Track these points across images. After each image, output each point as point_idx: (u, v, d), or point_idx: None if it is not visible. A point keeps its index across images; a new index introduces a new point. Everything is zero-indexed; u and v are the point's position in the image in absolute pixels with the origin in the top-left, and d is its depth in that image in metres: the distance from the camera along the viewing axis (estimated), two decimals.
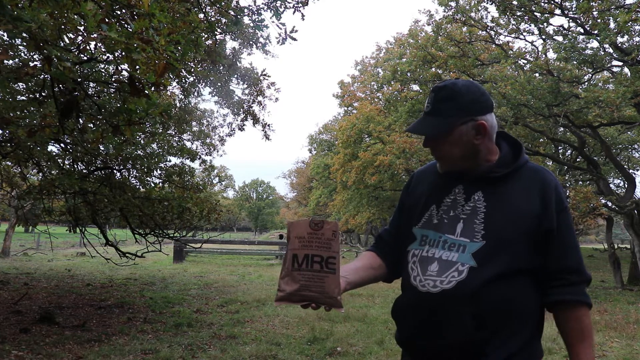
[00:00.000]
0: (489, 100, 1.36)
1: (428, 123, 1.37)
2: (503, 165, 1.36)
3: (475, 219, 1.32)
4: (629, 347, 5.46)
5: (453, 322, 1.26)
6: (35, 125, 3.81)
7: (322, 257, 1.19)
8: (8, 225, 16.03)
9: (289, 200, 60.82)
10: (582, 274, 1.32)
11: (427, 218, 1.41)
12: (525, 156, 1.40)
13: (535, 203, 1.31)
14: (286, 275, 1.20)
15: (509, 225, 1.28)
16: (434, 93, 1.37)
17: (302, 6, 5.73)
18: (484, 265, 1.26)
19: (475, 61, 12.29)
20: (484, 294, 1.24)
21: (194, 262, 15.67)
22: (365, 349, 5.07)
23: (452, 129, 1.33)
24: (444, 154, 1.37)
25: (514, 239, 1.28)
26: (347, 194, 24.41)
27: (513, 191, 1.34)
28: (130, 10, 2.98)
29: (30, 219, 7.02)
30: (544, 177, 1.35)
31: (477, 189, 1.36)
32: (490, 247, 1.27)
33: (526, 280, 1.30)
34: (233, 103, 10.35)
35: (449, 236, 1.33)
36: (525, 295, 1.29)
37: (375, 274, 1.49)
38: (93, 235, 7.13)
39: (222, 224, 39.24)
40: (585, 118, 10.48)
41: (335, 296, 1.19)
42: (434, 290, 1.29)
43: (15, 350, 4.52)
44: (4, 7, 1.99)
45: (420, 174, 1.54)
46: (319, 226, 1.21)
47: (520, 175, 1.36)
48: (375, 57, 23.16)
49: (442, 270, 1.30)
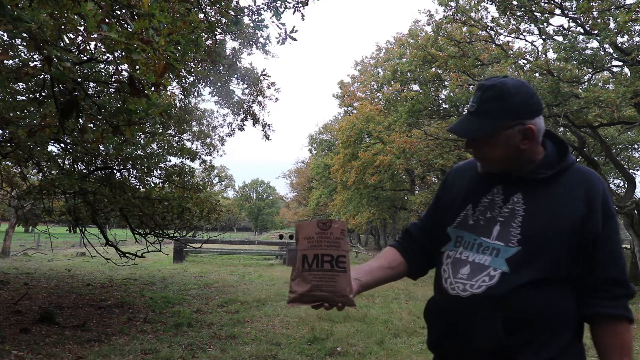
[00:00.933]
0: (538, 103, 1.28)
1: (472, 124, 1.28)
2: (547, 167, 1.28)
3: (512, 222, 1.25)
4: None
5: (482, 328, 1.21)
6: (35, 125, 3.81)
7: (332, 256, 1.18)
8: (8, 225, 16.04)
9: (289, 200, 60.82)
10: (627, 287, 1.23)
11: (462, 218, 1.35)
12: (572, 157, 1.31)
13: (580, 208, 1.23)
14: (297, 276, 1.20)
15: (548, 231, 1.21)
16: (480, 91, 1.27)
17: (302, 6, 5.73)
18: (517, 271, 1.20)
19: (475, 61, 12.29)
20: (514, 299, 1.19)
21: (194, 262, 15.67)
22: (365, 349, 5.07)
23: (498, 132, 1.25)
24: (486, 155, 1.30)
25: (553, 246, 1.21)
26: (347, 194, 24.42)
27: (556, 195, 1.26)
28: (130, 11, 2.98)
29: (30, 219, 7.03)
30: (591, 180, 1.27)
31: (517, 190, 1.29)
32: (525, 253, 1.21)
33: (563, 288, 1.23)
34: (233, 103, 10.35)
35: (484, 239, 1.28)
36: (561, 302, 1.22)
37: (392, 273, 1.43)
38: (93, 235, 7.13)
39: (222, 224, 39.25)
40: (585, 118, 10.48)
41: (347, 294, 1.18)
42: (463, 294, 1.24)
43: (15, 350, 4.52)
44: (4, 7, 1.99)
45: (459, 170, 1.47)
46: (327, 226, 1.20)
47: (565, 178, 1.28)
48: (375, 57, 23.16)
49: (473, 274, 1.25)
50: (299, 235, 1.22)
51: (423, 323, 6.79)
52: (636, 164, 20.93)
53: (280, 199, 72.39)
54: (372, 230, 35.44)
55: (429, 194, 16.85)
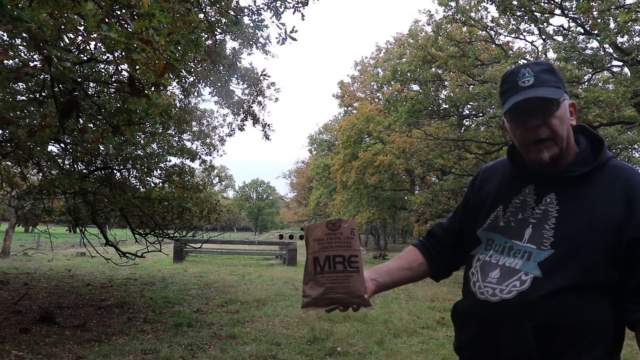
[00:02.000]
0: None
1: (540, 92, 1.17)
2: (581, 163, 1.21)
3: (545, 224, 1.18)
4: (629, 347, 5.44)
5: (512, 336, 1.15)
6: (35, 125, 3.81)
7: (344, 257, 1.15)
8: (8, 225, 16.03)
9: (289, 200, 60.86)
10: None
11: (492, 220, 1.29)
12: (609, 153, 1.22)
13: (618, 207, 1.14)
14: (310, 279, 1.17)
15: (583, 233, 1.14)
16: (529, 67, 1.21)
17: (302, 6, 5.73)
18: (550, 276, 1.13)
19: (475, 61, 12.30)
20: (546, 306, 1.12)
21: (194, 262, 15.67)
22: (365, 349, 5.07)
23: (562, 100, 1.19)
24: (556, 130, 1.18)
25: (589, 249, 1.13)
26: (347, 194, 24.43)
27: (592, 194, 1.17)
28: (130, 10, 2.98)
29: (30, 219, 7.02)
30: (630, 177, 1.17)
31: (550, 190, 1.22)
32: (559, 256, 1.14)
33: (601, 294, 1.14)
34: (233, 103, 10.35)
35: (515, 242, 1.21)
36: (598, 311, 1.14)
37: (411, 274, 1.39)
38: (93, 235, 7.13)
39: (222, 224, 39.25)
40: (585, 118, 10.47)
41: (362, 295, 1.15)
42: (492, 299, 1.18)
43: (15, 350, 4.52)
44: (4, 7, 1.99)
45: (489, 170, 1.41)
46: (337, 226, 1.17)
47: (602, 175, 1.19)
48: (375, 58, 23.19)
49: (503, 278, 1.19)
50: (309, 238, 1.19)
51: (423, 323, 6.79)
52: (636, 164, 20.93)
53: (280, 199, 72.41)
54: (372, 230, 35.44)
55: (429, 194, 16.85)
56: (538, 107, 1.18)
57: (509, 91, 1.22)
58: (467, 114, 18.70)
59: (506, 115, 1.27)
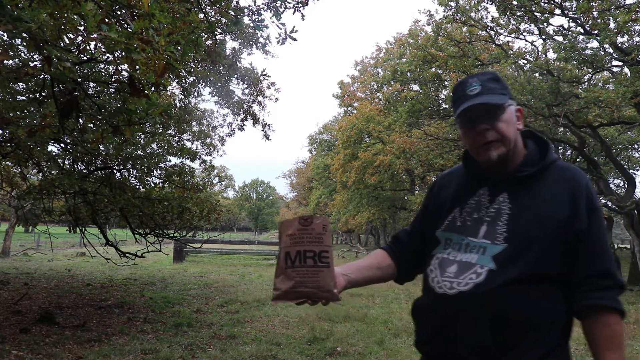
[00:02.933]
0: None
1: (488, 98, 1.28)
2: (529, 164, 1.31)
3: (498, 221, 1.27)
4: (629, 347, 5.46)
5: (469, 326, 1.20)
6: (35, 125, 3.81)
7: (315, 252, 1.18)
8: (8, 225, 16.03)
9: (289, 200, 60.84)
10: (613, 278, 1.22)
11: (450, 220, 1.37)
12: (554, 155, 1.33)
13: (564, 204, 1.24)
14: (280, 273, 1.20)
15: (534, 228, 1.22)
16: (475, 77, 1.33)
17: (302, 6, 5.73)
18: (503, 268, 1.20)
19: (475, 61, 12.29)
20: (501, 297, 1.18)
21: (194, 262, 15.67)
22: (365, 349, 5.07)
23: (507, 105, 1.29)
24: (503, 132, 1.27)
25: (539, 242, 1.21)
26: (347, 194, 24.43)
27: (540, 192, 1.27)
28: (130, 11, 2.98)
29: (30, 219, 7.02)
30: (574, 176, 1.28)
31: (503, 190, 1.31)
32: (512, 250, 1.22)
33: (551, 286, 1.22)
34: (233, 103, 10.34)
35: (471, 239, 1.29)
36: (549, 302, 1.21)
37: (381, 274, 1.45)
38: (93, 235, 7.13)
39: (222, 224, 39.23)
40: (585, 118, 10.48)
41: (331, 289, 1.18)
42: (450, 292, 1.24)
43: (15, 350, 4.52)
44: (4, 7, 1.99)
45: (446, 177, 1.50)
46: (309, 222, 1.20)
47: (548, 175, 1.30)
48: (375, 58, 23.17)
49: (460, 272, 1.25)
50: (282, 233, 1.21)
51: None
52: (636, 164, 20.93)
53: (280, 199, 72.39)
54: (372, 230, 35.44)
55: None
56: (485, 113, 1.28)
57: (458, 100, 1.33)
58: None
59: (457, 122, 1.35)
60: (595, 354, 1.20)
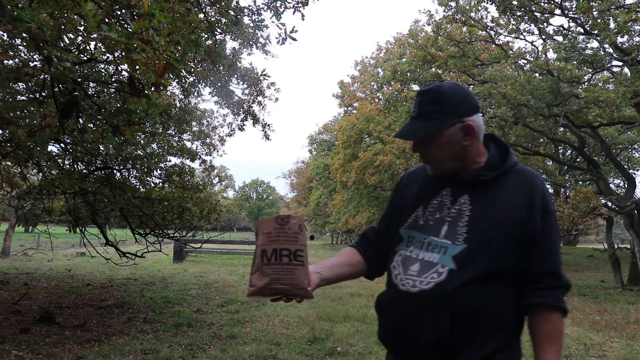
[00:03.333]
0: (474, 101, 1.37)
1: (416, 127, 1.36)
2: (490, 168, 1.36)
3: (459, 221, 1.32)
4: (629, 347, 5.46)
5: (429, 323, 1.27)
6: (35, 125, 3.81)
7: (290, 251, 1.22)
8: (8, 225, 16.03)
9: (289, 200, 60.84)
10: (560, 278, 1.31)
11: (413, 219, 1.42)
12: (514, 159, 1.39)
13: (522, 206, 1.30)
14: (256, 270, 1.23)
15: (492, 229, 1.28)
16: (419, 97, 1.37)
17: (302, 6, 5.73)
18: (463, 268, 1.26)
19: (475, 61, 12.29)
20: (460, 296, 1.25)
21: (194, 262, 15.67)
22: (365, 349, 5.07)
23: (441, 132, 1.33)
24: (434, 156, 1.37)
25: (497, 243, 1.27)
26: (347, 194, 24.43)
27: (500, 194, 1.33)
28: (130, 11, 2.98)
29: (30, 219, 7.02)
30: (532, 180, 1.35)
31: (464, 192, 1.36)
32: (471, 250, 1.28)
33: (507, 284, 1.30)
34: (233, 103, 10.35)
35: (433, 238, 1.34)
36: (504, 299, 1.29)
37: (351, 270, 1.50)
38: (93, 235, 7.13)
39: (222, 224, 39.25)
40: (585, 118, 10.48)
41: (305, 287, 1.21)
42: (413, 290, 1.30)
43: (15, 350, 4.52)
44: (4, 8, 1.99)
45: (410, 176, 1.55)
46: (285, 221, 1.24)
47: (508, 179, 1.35)
48: (375, 57, 23.17)
49: (422, 270, 1.31)
50: (259, 231, 1.25)
51: None
52: (636, 164, 20.93)
53: (280, 199, 72.39)
54: None
55: None
56: (415, 141, 1.38)
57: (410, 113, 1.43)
58: None
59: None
60: (536, 346, 1.29)
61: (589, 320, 6.99)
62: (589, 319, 7.15)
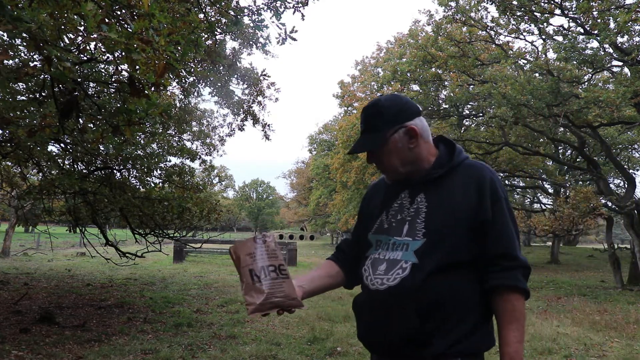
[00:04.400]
0: (414, 106, 1.47)
1: (365, 140, 1.47)
2: (439, 166, 1.45)
3: (417, 219, 1.41)
4: (629, 347, 5.46)
5: (398, 317, 1.33)
6: (35, 125, 3.80)
7: (275, 266, 1.30)
8: (8, 225, 16.03)
9: (289, 200, 60.82)
10: (515, 259, 1.36)
11: (378, 224, 1.51)
12: (463, 155, 1.48)
13: (472, 197, 1.38)
14: (249, 289, 1.29)
15: (447, 221, 1.36)
16: (364, 113, 1.48)
17: (302, 6, 5.73)
18: (424, 260, 1.34)
19: (475, 61, 12.30)
20: (425, 287, 1.31)
21: (194, 262, 15.68)
22: (365, 349, 5.07)
23: (387, 140, 1.43)
24: (386, 164, 1.46)
25: (452, 233, 1.35)
26: (347, 194, 24.41)
27: (452, 188, 1.41)
28: (130, 11, 2.98)
29: (30, 219, 7.02)
30: (480, 172, 1.42)
31: (420, 191, 1.45)
32: (429, 243, 1.35)
33: (467, 271, 1.36)
34: (233, 103, 10.34)
35: (396, 238, 1.42)
36: (466, 286, 1.35)
37: (331, 281, 1.58)
38: (93, 235, 7.13)
39: (222, 224, 39.23)
40: (585, 118, 10.48)
41: (296, 297, 1.30)
42: (381, 287, 1.38)
43: (15, 350, 4.52)
44: (4, 8, 1.98)
45: (375, 186, 1.66)
46: (263, 240, 1.33)
47: (458, 173, 1.44)
48: (376, 57, 23.16)
49: (389, 269, 1.38)
50: (240, 254, 1.32)
51: None
52: (636, 164, 20.93)
53: (280, 199, 72.34)
54: None
55: None
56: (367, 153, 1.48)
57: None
58: (467, 114, 18.68)
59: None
60: (499, 327, 1.35)
61: (589, 320, 6.99)
62: (589, 319, 7.15)
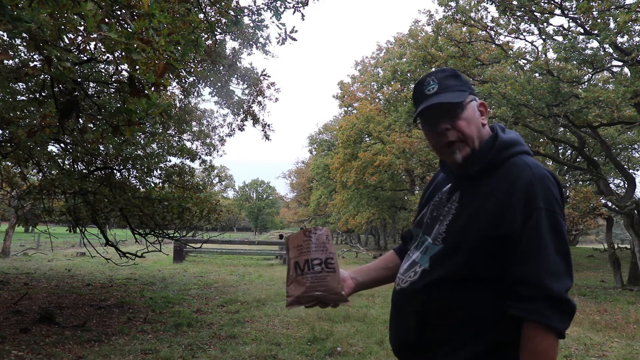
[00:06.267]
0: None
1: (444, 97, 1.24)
2: (474, 160, 1.26)
3: (445, 221, 1.27)
4: (629, 347, 5.46)
5: (403, 321, 1.30)
6: (35, 125, 3.80)
7: (321, 260, 1.29)
8: (8, 225, 16.03)
9: (289, 200, 60.84)
10: (538, 288, 1.09)
11: (420, 217, 1.43)
12: (513, 150, 1.25)
13: (501, 204, 1.16)
14: (292, 281, 1.30)
15: (468, 229, 1.19)
16: (432, 76, 1.28)
17: (302, 6, 5.73)
18: (433, 268, 1.24)
19: (475, 61, 12.29)
20: (426, 295, 1.23)
21: (194, 262, 15.67)
22: (365, 349, 5.07)
23: (467, 102, 1.25)
24: (464, 132, 1.24)
25: (471, 244, 1.17)
26: (347, 194, 24.42)
27: (486, 192, 1.21)
28: (130, 11, 2.98)
29: (30, 219, 7.03)
30: (519, 172, 1.18)
31: (458, 188, 1.30)
32: (445, 250, 1.23)
33: (481, 288, 1.17)
34: (233, 103, 10.34)
35: (427, 237, 1.34)
36: (479, 304, 1.17)
37: (388, 273, 1.51)
38: (93, 235, 7.13)
39: (222, 224, 39.22)
40: (585, 118, 10.47)
41: (339, 292, 1.29)
42: (397, 287, 1.35)
43: (15, 350, 4.52)
44: (4, 7, 1.99)
45: (436, 174, 1.53)
46: (313, 233, 1.33)
47: (498, 173, 1.22)
48: (376, 57, 23.17)
49: (407, 269, 1.34)
50: (289, 246, 1.34)
51: None
52: (636, 164, 20.93)
53: (280, 199, 72.38)
54: (372, 230, 35.43)
55: None
56: (444, 112, 1.25)
57: (417, 100, 1.31)
58: None
59: (419, 123, 1.34)
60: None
61: (589, 320, 6.99)
62: (589, 319, 7.14)
